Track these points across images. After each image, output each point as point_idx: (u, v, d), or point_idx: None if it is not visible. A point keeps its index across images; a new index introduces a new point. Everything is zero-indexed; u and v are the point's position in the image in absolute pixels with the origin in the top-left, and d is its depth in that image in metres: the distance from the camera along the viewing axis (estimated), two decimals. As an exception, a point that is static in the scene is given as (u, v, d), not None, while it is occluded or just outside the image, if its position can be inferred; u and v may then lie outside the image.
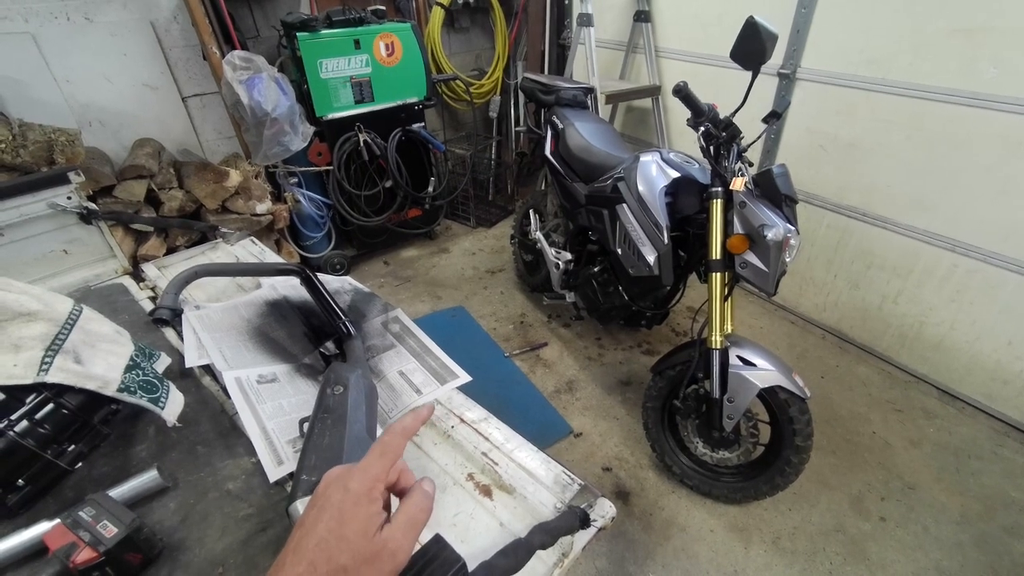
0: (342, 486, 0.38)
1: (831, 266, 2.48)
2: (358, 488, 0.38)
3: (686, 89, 1.53)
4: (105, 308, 1.10)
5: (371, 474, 0.39)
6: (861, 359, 2.43)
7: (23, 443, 0.69)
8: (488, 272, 3.13)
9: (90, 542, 0.60)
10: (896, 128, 2.07)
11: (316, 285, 1.10)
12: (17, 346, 0.72)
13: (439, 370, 1.00)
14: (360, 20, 2.58)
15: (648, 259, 1.74)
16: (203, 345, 0.98)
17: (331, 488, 0.39)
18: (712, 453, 1.71)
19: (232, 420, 0.88)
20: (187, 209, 2.34)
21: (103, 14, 2.28)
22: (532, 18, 3.38)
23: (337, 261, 3.01)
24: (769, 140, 2.50)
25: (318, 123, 2.62)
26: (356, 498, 0.37)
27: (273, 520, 0.72)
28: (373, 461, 0.40)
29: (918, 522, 1.73)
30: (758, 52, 1.39)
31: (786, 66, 2.30)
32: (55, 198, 1.30)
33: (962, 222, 1.99)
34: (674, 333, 2.61)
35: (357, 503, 0.37)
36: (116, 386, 0.76)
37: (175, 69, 2.54)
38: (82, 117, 2.36)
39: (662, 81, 2.92)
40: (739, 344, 1.57)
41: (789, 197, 1.49)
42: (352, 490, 0.38)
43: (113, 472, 0.78)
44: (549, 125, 2.33)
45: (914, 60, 1.95)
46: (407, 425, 0.44)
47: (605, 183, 1.92)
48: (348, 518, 0.36)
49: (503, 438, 0.85)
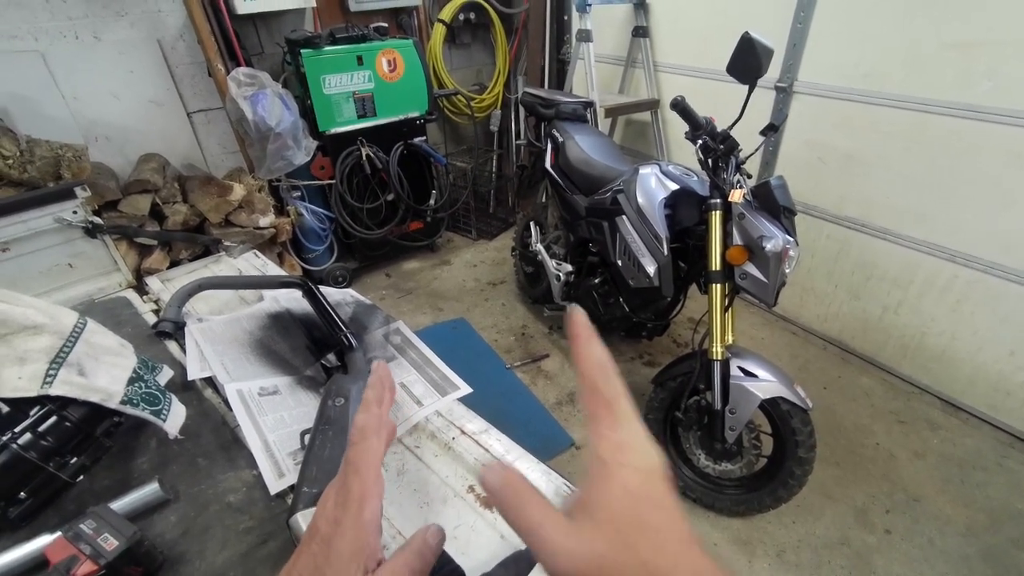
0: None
1: (831, 277, 2.48)
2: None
3: (683, 103, 1.55)
4: (109, 321, 1.10)
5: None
6: (863, 370, 2.42)
7: (26, 456, 0.70)
8: (489, 284, 3.14)
9: (91, 555, 0.60)
10: (894, 140, 2.08)
11: (318, 297, 1.11)
12: (22, 359, 0.73)
13: (440, 382, 1.00)
14: (363, 37, 2.63)
15: (648, 270, 1.75)
16: (205, 357, 0.99)
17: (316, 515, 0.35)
18: (714, 465, 1.70)
19: (233, 432, 0.88)
20: (191, 223, 2.37)
21: (111, 33, 2.32)
22: (532, 34, 3.43)
23: (339, 273, 3.02)
24: (767, 152, 2.52)
25: (321, 137, 2.65)
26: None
27: (274, 533, 0.72)
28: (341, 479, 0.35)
29: (924, 535, 1.71)
30: (754, 67, 1.41)
31: (783, 80, 2.33)
32: (61, 212, 1.32)
33: (962, 233, 2.00)
34: (675, 344, 2.61)
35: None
36: (119, 398, 0.77)
37: (180, 85, 2.58)
38: (89, 133, 2.39)
39: (660, 95, 2.96)
40: (740, 355, 1.57)
41: (788, 208, 1.50)
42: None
43: (114, 485, 0.78)
44: (549, 138, 2.35)
45: (910, 73, 1.97)
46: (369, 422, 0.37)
47: (605, 195, 1.94)
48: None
49: (504, 450, 0.85)
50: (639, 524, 0.27)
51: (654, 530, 0.27)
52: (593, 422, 0.30)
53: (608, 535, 0.27)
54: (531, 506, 0.29)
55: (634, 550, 0.26)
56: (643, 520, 0.27)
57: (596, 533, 0.27)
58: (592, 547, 0.26)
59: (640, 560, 0.26)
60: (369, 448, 0.35)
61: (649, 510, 0.27)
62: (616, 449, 0.29)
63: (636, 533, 0.27)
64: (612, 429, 0.29)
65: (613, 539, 0.26)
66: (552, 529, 0.28)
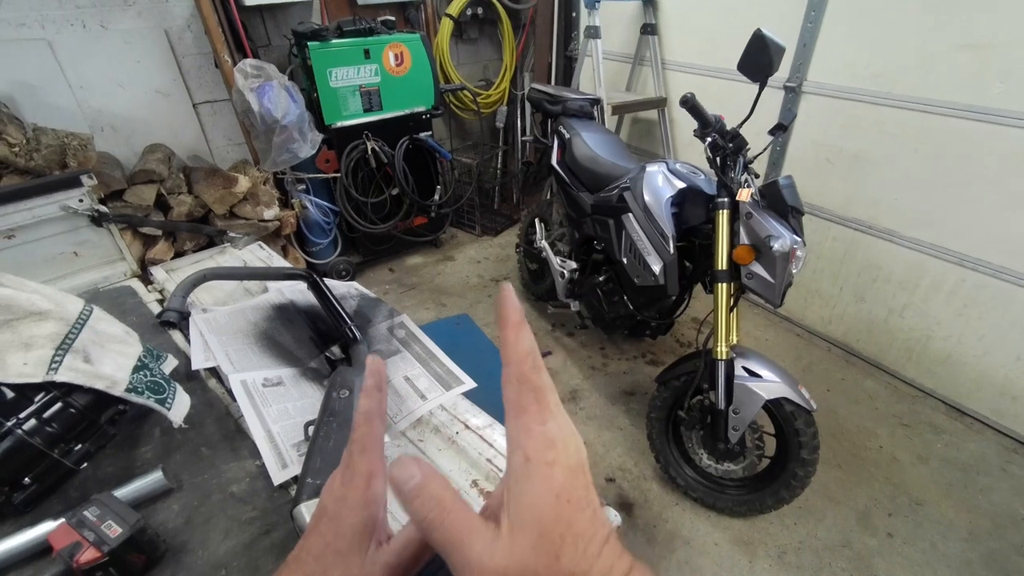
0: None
1: (837, 279, 2.47)
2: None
3: (693, 100, 1.54)
4: (113, 310, 1.10)
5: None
6: (868, 372, 2.41)
7: (30, 441, 0.70)
8: (493, 280, 3.13)
9: (94, 542, 0.60)
10: (903, 141, 2.07)
11: (323, 290, 1.11)
12: (28, 345, 0.72)
13: (444, 376, 1.00)
14: (370, 30, 2.62)
15: (654, 269, 1.74)
16: (209, 348, 0.99)
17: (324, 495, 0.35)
18: (717, 465, 1.69)
19: (237, 423, 0.88)
20: (196, 214, 2.36)
21: (118, 22, 2.32)
22: (540, 30, 3.42)
23: (343, 267, 3.02)
24: (775, 152, 2.51)
25: (327, 131, 2.65)
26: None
27: (277, 523, 0.72)
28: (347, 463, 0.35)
29: (926, 539, 1.70)
30: (765, 64, 1.40)
31: (792, 79, 2.31)
32: (67, 201, 1.32)
33: (970, 236, 1.98)
34: (678, 344, 2.60)
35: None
36: (124, 386, 0.77)
37: (187, 76, 2.58)
38: (95, 122, 2.39)
39: (668, 93, 2.94)
40: (745, 355, 1.56)
41: (795, 208, 1.49)
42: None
43: (118, 472, 0.78)
44: (555, 135, 2.34)
45: (921, 74, 1.95)
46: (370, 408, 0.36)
47: (611, 193, 1.93)
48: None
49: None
50: (564, 530, 0.26)
51: (577, 535, 0.26)
52: (518, 414, 0.28)
53: (533, 542, 0.26)
54: (453, 515, 0.28)
55: (559, 560, 0.26)
56: (568, 525, 0.26)
57: (522, 540, 0.26)
58: (520, 559, 0.26)
59: (566, 571, 0.26)
60: (374, 431, 0.35)
61: (573, 513, 0.27)
62: (544, 446, 0.27)
63: (561, 540, 0.26)
64: (540, 423, 0.28)
65: (538, 547, 0.26)
66: (479, 544, 0.27)
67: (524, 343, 0.29)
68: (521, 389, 0.28)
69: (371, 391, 0.36)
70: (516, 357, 0.29)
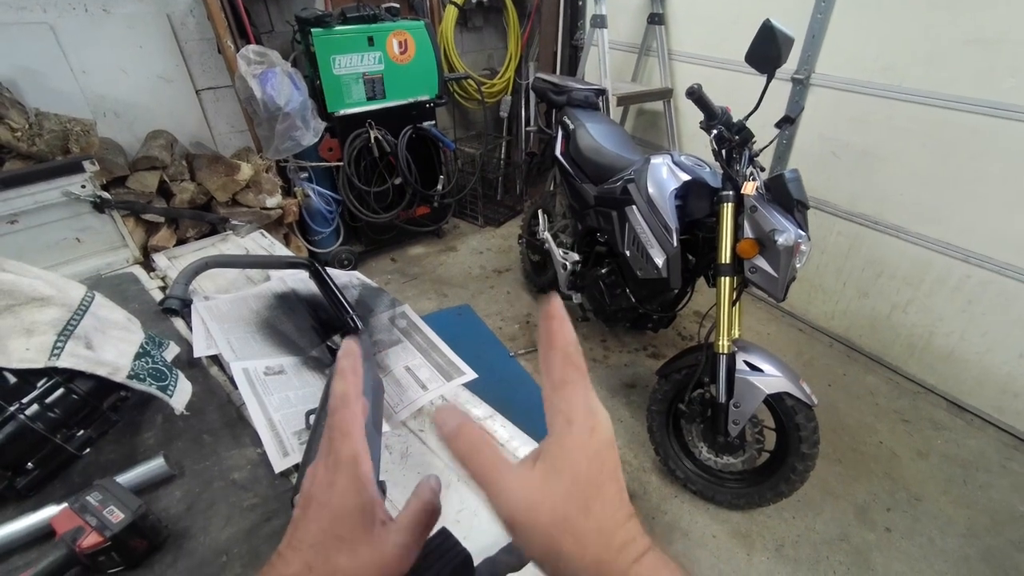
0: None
1: (841, 274, 2.46)
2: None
3: (700, 91, 1.52)
4: (115, 297, 1.10)
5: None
6: (869, 368, 2.41)
7: (33, 427, 0.70)
8: (495, 271, 3.13)
9: (97, 527, 0.60)
10: (911, 136, 2.05)
11: (325, 279, 1.10)
12: (30, 330, 0.72)
13: (445, 367, 1.00)
14: (374, 17, 2.59)
15: (657, 261, 1.74)
16: (211, 335, 0.99)
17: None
18: (716, 458, 1.69)
19: (239, 410, 0.88)
20: (198, 201, 2.36)
21: (120, 6, 2.30)
22: (545, 18, 3.38)
23: (345, 256, 3.02)
24: (781, 145, 2.49)
25: (330, 119, 2.63)
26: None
27: (278, 510, 0.72)
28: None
29: (924, 534, 1.71)
30: (774, 56, 1.38)
31: (800, 71, 2.29)
32: (69, 186, 1.32)
33: (976, 233, 1.97)
34: (680, 337, 2.60)
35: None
36: (126, 373, 0.77)
37: (190, 62, 2.56)
38: (97, 108, 2.38)
39: (674, 84, 2.91)
40: (746, 349, 1.56)
41: (801, 202, 1.47)
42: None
43: (120, 459, 0.79)
44: (560, 126, 2.32)
45: (930, 68, 1.93)
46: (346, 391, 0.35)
47: (615, 184, 1.91)
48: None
49: (508, 436, 0.84)
50: (595, 491, 0.28)
51: (606, 499, 0.28)
52: (561, 387, 0.31)
53: (566, 488, 0.28)
54: (488, 451, 0.30)
55: (588, 513, 0.27)
56: (599, 488, 0.28)
57: (556, 483, 0.28)
58: (552, 501, 0.27)
59: (596, 526, 0.27)
60: (352, 413, 0.34)
61: (605, 479, 0.29)
62: (587, 413, 0.30)
63: (594, 497, 0.28)
64: (583, 395, 0.30)
65: (570, 494, 0.28)
66: (509, 474, 0.29)
67: (569, 331, 0.32)
68: (565, 366, 0.31)
69: (345, 373, 0.35)
70: (562, 341, 0.31)
